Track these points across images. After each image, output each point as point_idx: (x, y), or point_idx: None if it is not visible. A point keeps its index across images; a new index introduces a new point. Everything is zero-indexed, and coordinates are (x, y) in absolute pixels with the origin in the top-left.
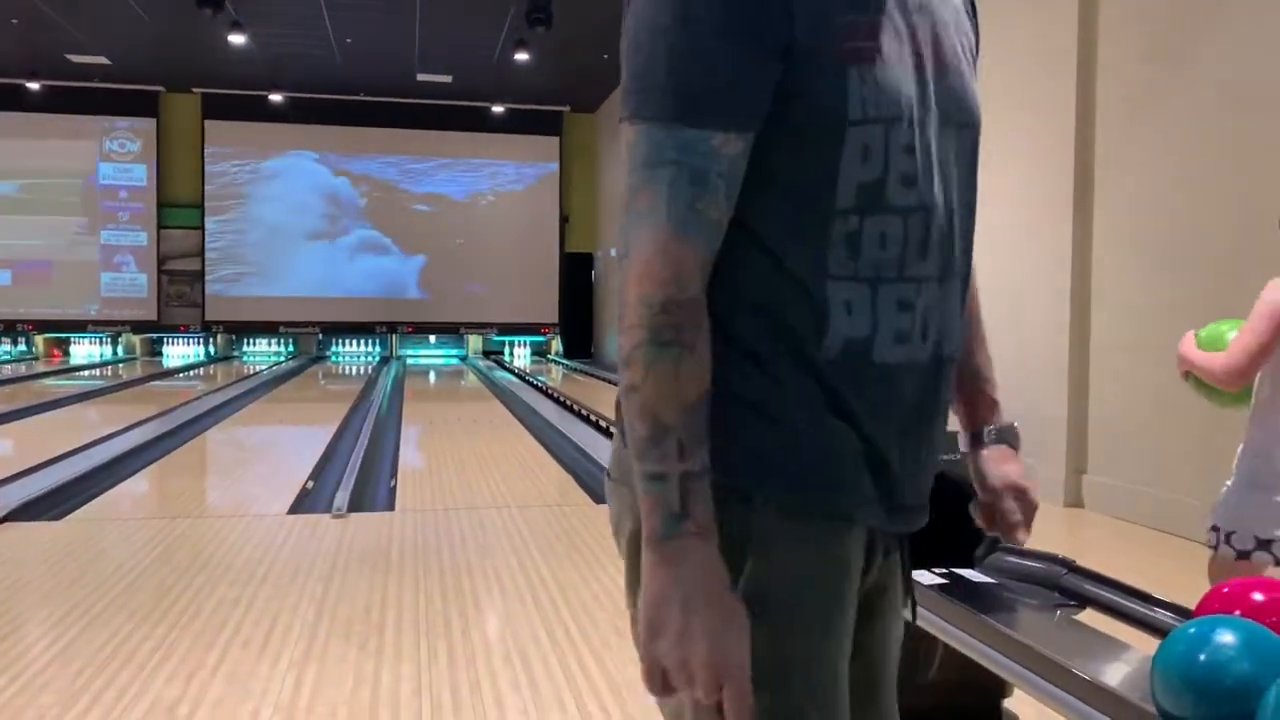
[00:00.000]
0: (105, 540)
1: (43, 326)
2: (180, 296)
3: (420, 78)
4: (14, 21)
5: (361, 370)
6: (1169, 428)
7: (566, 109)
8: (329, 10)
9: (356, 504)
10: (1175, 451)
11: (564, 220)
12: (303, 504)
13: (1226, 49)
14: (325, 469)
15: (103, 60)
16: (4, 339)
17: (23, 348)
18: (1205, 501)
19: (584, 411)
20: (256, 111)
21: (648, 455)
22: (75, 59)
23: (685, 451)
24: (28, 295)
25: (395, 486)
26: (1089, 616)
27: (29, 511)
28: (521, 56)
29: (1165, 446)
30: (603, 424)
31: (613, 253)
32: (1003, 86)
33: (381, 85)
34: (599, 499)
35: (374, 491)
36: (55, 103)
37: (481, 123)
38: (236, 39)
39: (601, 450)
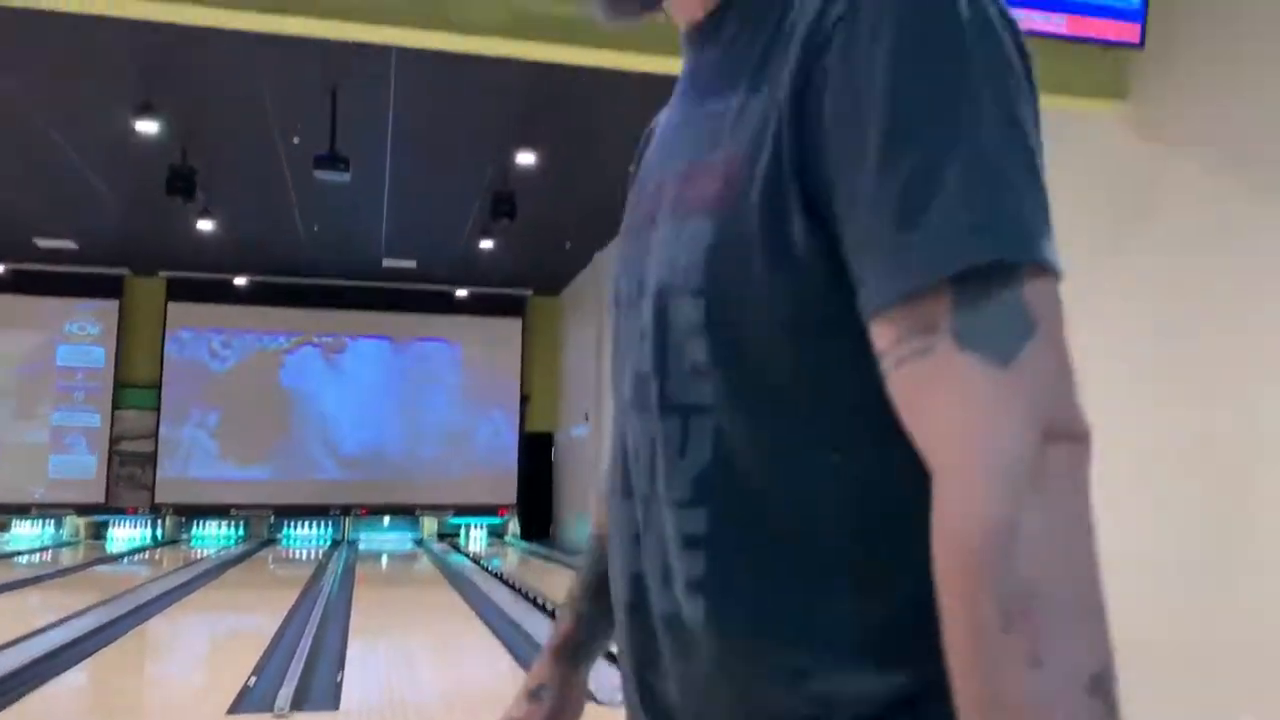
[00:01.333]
0: None
1: None
2: (130, 478)
3: (386, 263)
4: None
5: (313, 554)
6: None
7: (529, 292)
8: (298, 198)
9: (300, 701)
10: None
11: (524, 400)
12: (244, 702)
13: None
14: (269, 662)
15: (70, 244)
16: None
17: None
18: None
19: (540, 600)
20: (221, 294)
21: None
22: (42, 243)
23: None
24: None
25: (341, 682)
26: None
27: None
28: (486, 244)
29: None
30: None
31: (574, 432)
32: None
33: (347, 269)
34: None
35: (319, 687)
36: (18, 285)
37: (445, 306)
38: (205, 225)
39: None
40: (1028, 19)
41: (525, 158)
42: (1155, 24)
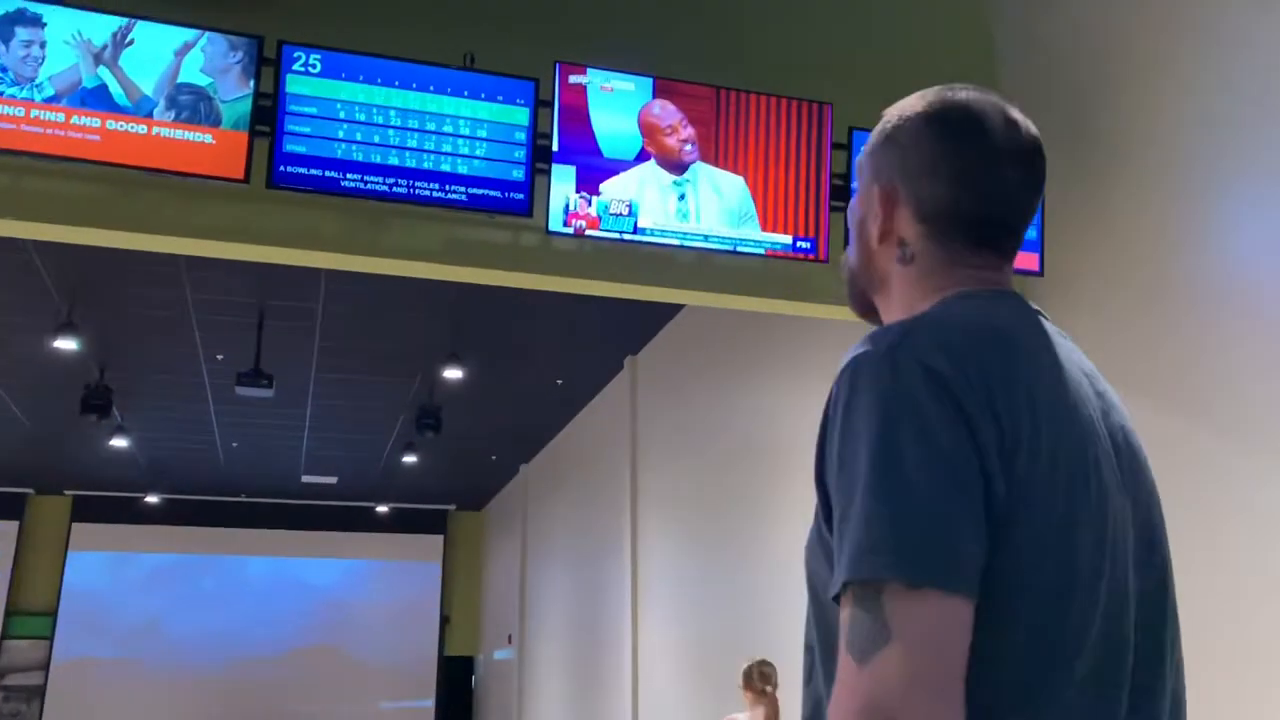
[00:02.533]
0: None
1: None
2: (15, 715)
3: (305, 479)
4: None
5: None
6: None
7: (452, 507)
8: (218, 417)
9: None
10: None
11: (444, 621)
12: None
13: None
14: None
15: None
16: None
17: None
18: None
19: None
20: (130, 513)
21: None
22: None
23: None
24: None
25: None
26: None
27: None
28: (409, 459)
29: None
30: None
31: (496, 655)
32: None
33: (264, 486)
34: None
35: None
36: None
37: (365, 522)
38: (118, 443)
39: None
40: None
41: (452, 372)
42: (1052, 253)
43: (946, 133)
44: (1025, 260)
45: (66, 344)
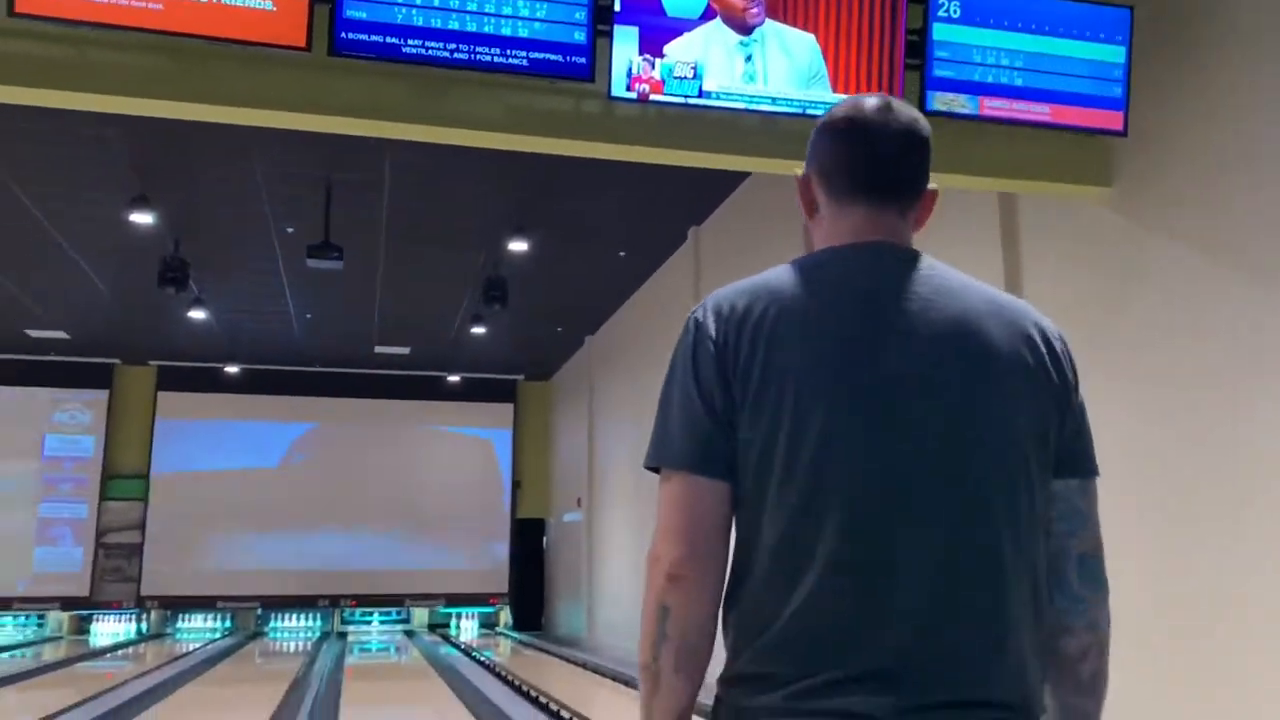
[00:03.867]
0: None
1: None
2: (116, 571)
3: (378, 350)
4: None
5: (301, 647)
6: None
7: (520, 378)
8: (291, 289)
9: None
10: None
11: (515, 486)
12: None
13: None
14: None
15: (61, 335)
16: None
17: None
18: None
19: (532, 693)
20: (212, 383)
21: None
22: (34, 334)
23: None
24: None
25: None
26: None
27: None
28: (478, 330)
29: None
30: (552, 707)
31: (566, 518)
32: None
33: (339, 357)
34: None
35: None
36: (7, 376)
37: (437, 392)
38: (197, 314)
39: None
40: (1013, 108)
41: (517, 245)
42: (1138, 112)
43: (832, 133)
44: (1109, 120)
45: (142, 217)
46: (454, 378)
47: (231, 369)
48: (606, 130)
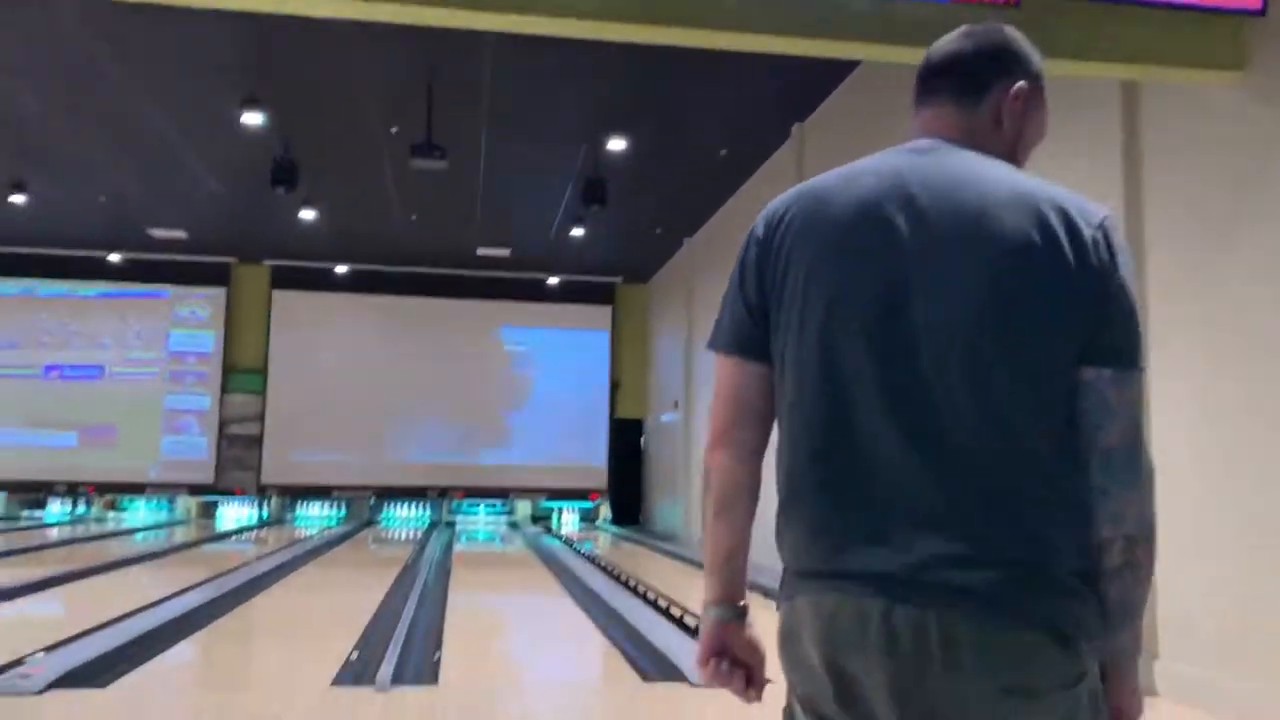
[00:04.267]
0: (147, 713)
1: (103, 489)
2: (238, 460)
3: (480, 251)
4: (102, 199)
5: (411, 535)
6: (1249, 608)
7: (619, 280)
8: (396, 189)
9: (400, 676)
10: (1258, 635)
11: (614, 387)
12: (346, 676)
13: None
14: (370, 638)
15: (180, 234)
16: (65, 500)
17: (82, 509)
18: None
19: (632, 583)
20: (323, 282)
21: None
22: (155, 233)
23: None
24: (91, 457)
25: (439, 660)
26: None
27: (76, 678)
28: (577, 232)
29: (1246, 629)
30: (650, 596)
31: (663, 418)
32: None
33: (442, 258)
34: (646, 676)
35: (418, 663)
36: (133, 273)
37: (537, 293)
38: (307, 214)
39: (647, 624)
40: None
41: (617, 144)
42: None
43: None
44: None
45: (253, 118)
46: (553, 280)
47: (341, 269)
48: (707, 16)
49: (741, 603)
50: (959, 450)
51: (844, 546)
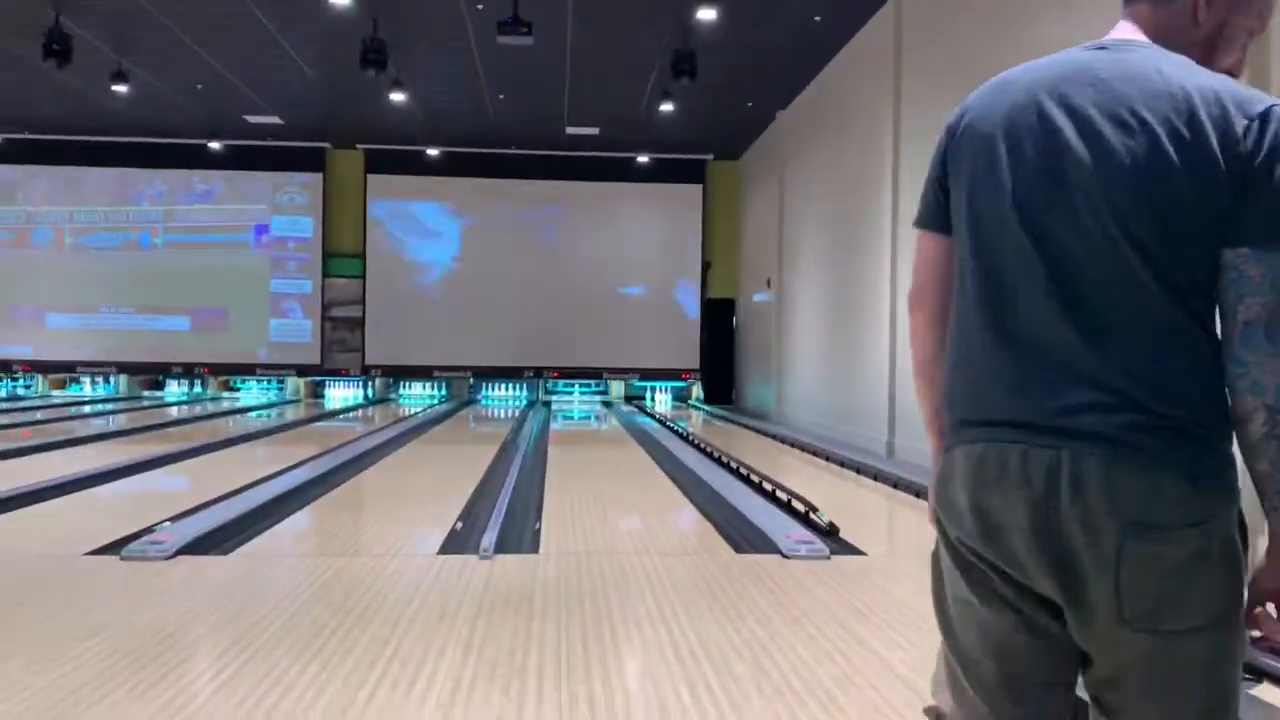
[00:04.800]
0: (267, 576)
1: (217, 370)
2: (342, 342)
3: (569, 131)
4: (199, 87)
5: (509, 413)
6: None
7: (710, 157)
8: (484, 69)
9: (503, 545)
10: None
11: (706, 266)
12: (452, 544)
13: None
14: (474, 510)
15: (276, 120)
16: (182, 380)
17: (199, 390)
18: None
19: (724, 459)
20: (415, 165)
21: None
22: (251, 119)
23: None
24: (204, 340)
25: (540, 529)
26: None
27: (199, 546)
28: (667, 107)
29: None
30: (743, 471)
31: (756, 298)
32: None
33: (532, 139)
34: (739, 547)
35: (519, 533)
36: (234, 160)
37: (627, 173)
38: (397, 96)
39: (740, 498)
40: None
41: (706, 13)
42: None
43: None
44: None
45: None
46: (643, 158)
47: (432, 151)
48: None
49: None
50: (1100, 318)
51: (993, 399)
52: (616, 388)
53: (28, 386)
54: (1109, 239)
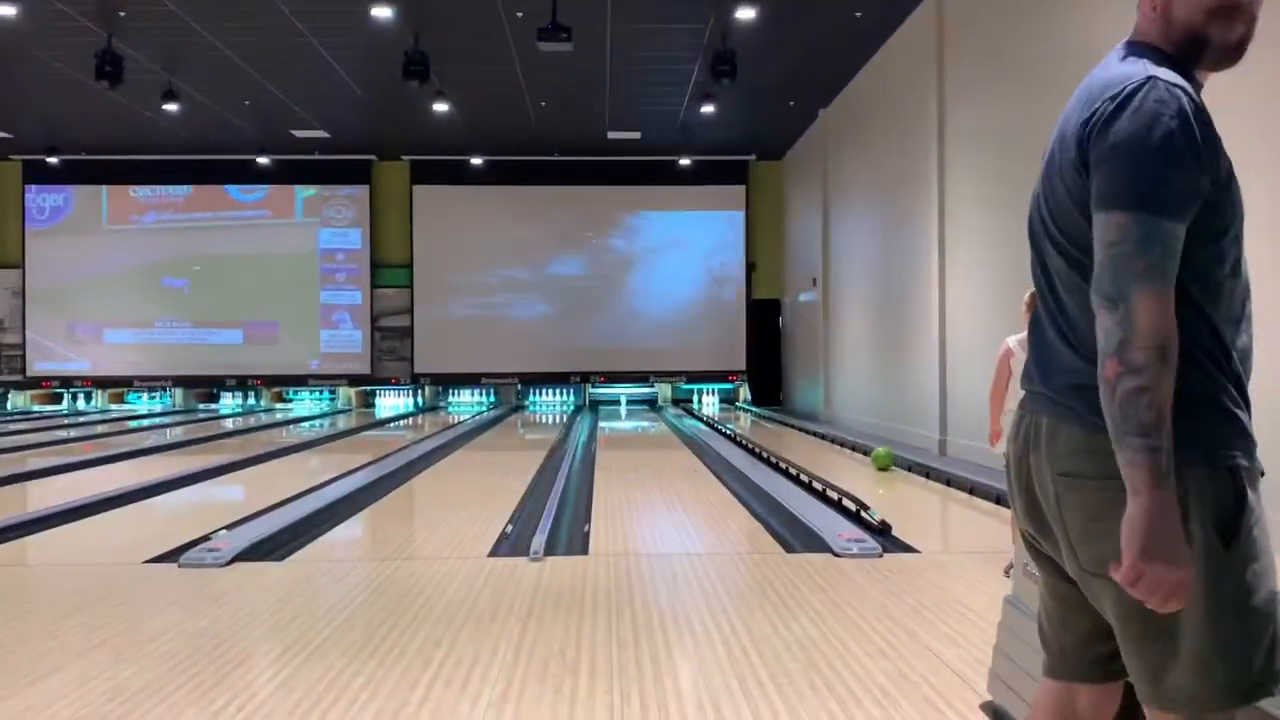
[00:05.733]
0: (321, 581)
1: (270, 381)
2: (391, 351)
3: (610, 135)
4: (246, 103)
5: (557, 419)
6: None
7: (752, 158)
8: (525, 76)
9: (553, 548)
10: None
11: (750, 268)
12: (502, 546)
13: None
14: (523, 514)
15: (322, 134)
16: (236, 393)
17: (252, 401)
18: None
19: (773, 459)
20: (459, 175)
21: (1151, 433)
22: (298, 134)
23: (1167, 434)
24: (257, 353)
25: (589, 532)
26: None
27: (256, 552)
28: (707, 109)
29: None
30: (792, 471)
31: (801, 297)
32: None
33: (573, 144)
34: (789, 546)
35: (568, 536)
36: (281, 174)
37: (669, 175)
38: (440, 107)
39: (790, 498)
40: None
41: (745, 13)
42: None
43: None
44: None
45: (382, 11)
46: (685, 160)
47: (476, 160)
48: None
49: None
50: (1060, 310)
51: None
52: (664, 391)
53: (88, 401)
54: (1042, 243)
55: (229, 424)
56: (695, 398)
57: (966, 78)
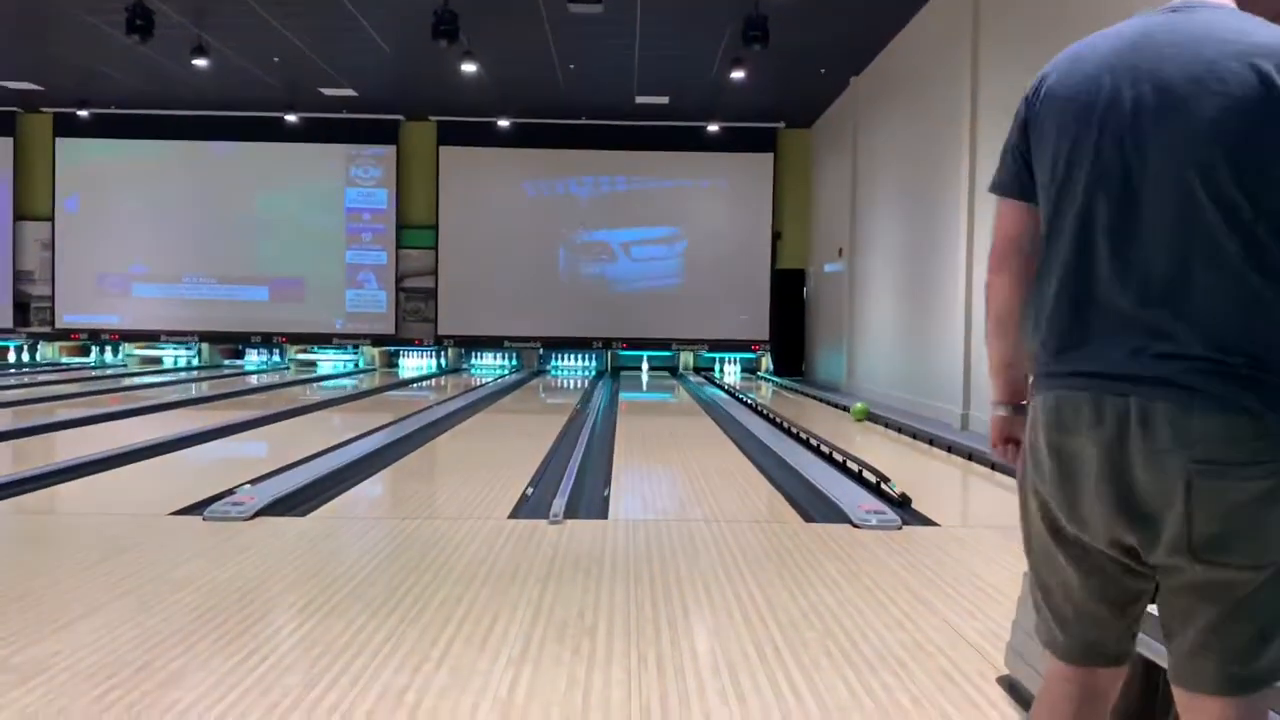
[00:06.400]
0: (344, 537)
1: (295, 339)
2: (415, 312)
3: (639, 100)
4: (276, 60)
5: (579, 383)
6: None
7: (781, 125)
8: (554, 38)
9: (572, 511)
10: None
11: (776, 237)
12: (522, 510)
13: None
14: (543, 477)
15: (350, 92)
16: (262, 350)
17: (277, 358)
18: None
19: (794, 430)
20: (487, 137)
21: None
22: (327, 92)
23: None
24: (282, 310)
25: (609, 496)
26: None
27: (279, 507)
28: (737, 75)
29: None
30: (813, 442)
31: (827, 268)
32: None
33: (602, 108)
34: (808, 516)
35: (588, 500)
36: (309, 133)
37: (697, 141)
38: (468, 68)
39: (810, 468)
40: None
41: None
42: None
43: None
44: None
45: None
46: (713, 127)
47: (503, 122)
48: None
49: (1022, 402)
50: (1160, 278)
51: (1066, 353)
52: (686, 358)
53: (115, 354)
54: (1192, 200)
55: (254, 380)
56: (717, 366)
57: (1001, 47)
